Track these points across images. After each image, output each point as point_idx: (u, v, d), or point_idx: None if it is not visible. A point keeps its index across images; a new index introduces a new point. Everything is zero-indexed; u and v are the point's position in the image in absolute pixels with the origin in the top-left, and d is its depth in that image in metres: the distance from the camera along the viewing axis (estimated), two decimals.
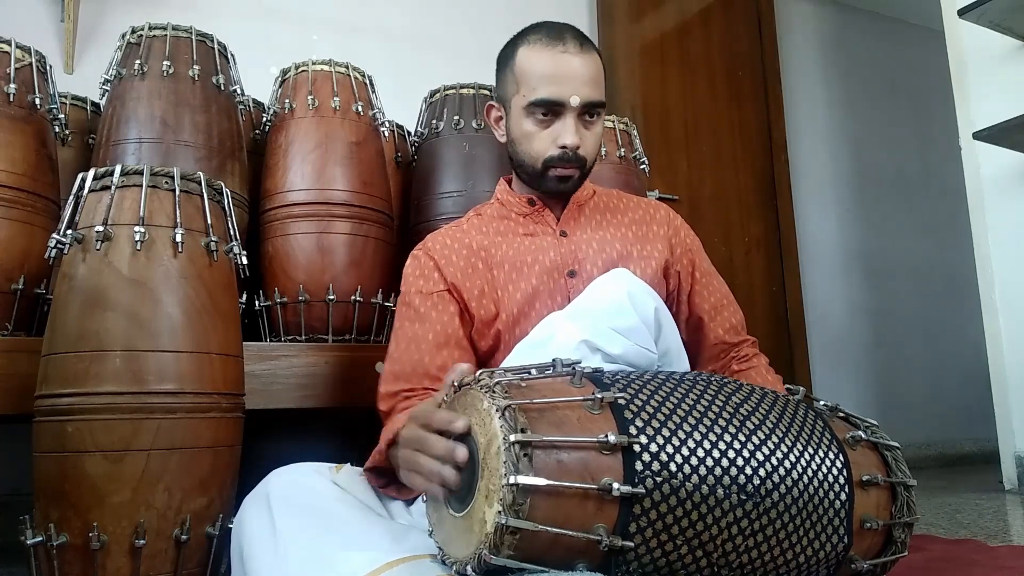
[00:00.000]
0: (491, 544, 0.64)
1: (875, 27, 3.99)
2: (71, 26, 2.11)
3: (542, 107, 1.09)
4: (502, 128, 1.18)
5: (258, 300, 1.48)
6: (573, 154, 1.10)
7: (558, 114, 1.09)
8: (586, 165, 1.13)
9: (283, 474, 0.96)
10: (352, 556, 0.76)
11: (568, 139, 1.09)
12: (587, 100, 1.08)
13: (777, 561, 0.74)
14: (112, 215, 1.01)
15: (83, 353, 0.97)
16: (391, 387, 1.08)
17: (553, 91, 1.08)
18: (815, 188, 3.60)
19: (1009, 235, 2.29)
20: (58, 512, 0.94)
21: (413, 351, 1.09)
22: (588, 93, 1.09)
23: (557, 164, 1.11)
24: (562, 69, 1.08)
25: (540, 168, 1.12)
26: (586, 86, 1.08)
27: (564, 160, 1.10)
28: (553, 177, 1.12)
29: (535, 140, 1.11)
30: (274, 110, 1.59)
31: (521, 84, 1.10)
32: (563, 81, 1.07)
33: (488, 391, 0.69)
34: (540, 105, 1.08)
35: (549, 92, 1.08)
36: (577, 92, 1.08)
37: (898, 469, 0.83)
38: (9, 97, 1.29)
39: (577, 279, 1.12)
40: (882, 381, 3.61)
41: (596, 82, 1.10)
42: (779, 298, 3.23)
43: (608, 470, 0.67)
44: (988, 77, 2.34)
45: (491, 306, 1.11)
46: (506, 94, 1.15)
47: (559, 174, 1.12)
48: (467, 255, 1.15)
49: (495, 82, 1.20)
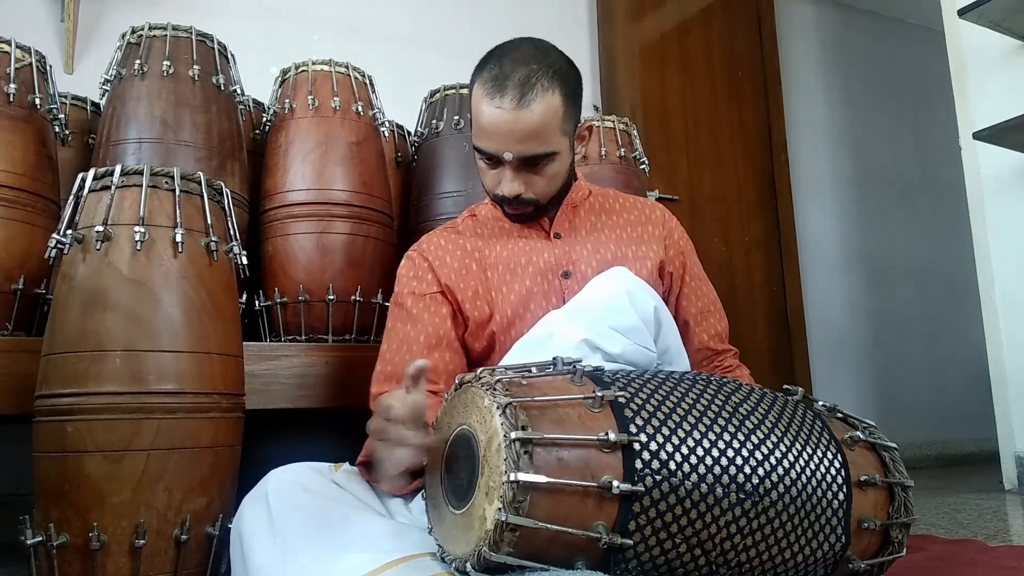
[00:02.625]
0: (491, 541, 0.64)
1: (875, 27, 3.99)
2: (71, 26, 2.12)
3: (481, 155, 1.08)
4: None
5: (258, 300, 1.48)
6: (516, 199, 1.09)
7: (498, 163, 1.08)
8: (540, 203, 1.11)
9: (282, 473, 0.96)
10: (352, 555, 0.76)
11: (505, 190, 1.08)
12: (522, 156, 1.05)
13: (775, 560, 0.74)
14: (112, 215, 1.02)
15: (83, 353, 0.97)
16: (382, 388, 1.09)
17: (486, 144, 1.05)
18: (815, 188, 3.60)
19: (1009, 235, 2.29)
20: (58, 512, 0.94)
21: (404, 352, 1.09)
22: (522, 149, 1.04)
23: (505, 205, 1.12)
24: (495, 125, 1.03)
25: (498, 203, 1.14)
26: (519, 143, 1.03)
27: (510, 204, 1.10)
28: (508, 213, 1.14)
29: (485, 177, 1.11)
30: (274, 110, 1.59)
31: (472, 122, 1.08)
32: (493, 137, 1.04)
33: (489, 388, 0.70)
34: (479, 152, 1.08)
35: (484, 144, 1.06)
36: (509, 149, 1.04)
37: (896, 470, 0.84)
38: (9, 97, 1.29)
39: (571, 280, 1.12)
40: (882, 381, 3.61)
41: (534, 136, 1.03)
42: (779, 298, 3.23)
43: (608, 468, 0.67)
44: (988, 77, 2.34)
45: (485, 307, 1.11)
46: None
47: (511, 212, 1.14)
48: (461, 256, 1.15)
49: None
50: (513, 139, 1.03)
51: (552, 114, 1.03)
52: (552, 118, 1.04)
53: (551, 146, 1.05)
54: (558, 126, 1.05)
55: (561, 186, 1.13)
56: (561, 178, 1.12)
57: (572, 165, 1.15)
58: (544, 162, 1.07)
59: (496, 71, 1.04)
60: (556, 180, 1.11)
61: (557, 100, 1.04)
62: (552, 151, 1.06)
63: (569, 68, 1.09)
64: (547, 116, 1.03)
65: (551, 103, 1.03)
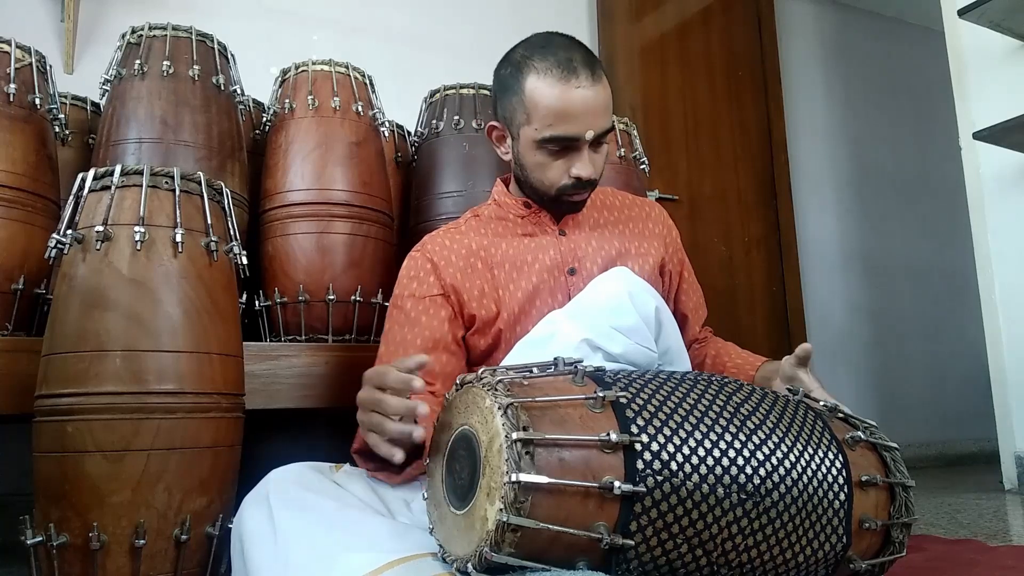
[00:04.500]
0: (492, 542, 0.64)
1: (875, 27, 3.99)
2: (71, 26, 2.11)
3: (556, 143, 1.08)
4: (506, 147, 1.17)
5: (258, 300, 1.48)
6: (587, 181, 1.10)
7: (571, 147, 1.08)
8: (595, 183, 1.14)
9: (283, 474, 0.96)
10: (353, 556, 0.76)
11: (584, 172, 1.08)
12: (600, 131, 1.08)
13: (776, 560, 0.74)
14: (112, 215, 1.01)
15: (83, 353, 0.97)
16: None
17: (568, 129, 1.06)
18: (815, 188, 3.61)
19: (1009, 235, 2.29)
20: (58, 512, 0.94)
21: (401, 354, 1.10)
22: (601, 124, 1.07)
23: (571, 191, 1.12)
24: (577, 106, 1.05)
25: (554, 194, 1.13)
26: (599, 118, 1.07)
27: (578, 188, 1.11)
28: (567, 201, 1.14)
29: (548, 170, 1.10)
30: (274, 110, 1.59)
31: (532, 116, 1.08)
32: (578, 118, 1.06)
33: (490, 389, 0.70)
34: (554, 142, 1.07)
35: (564, 130, 1.06)
36: (591, 126, 1.06)
37: (896, 470, 0.84)
38: (9, 97, 1.29)
39: (577, 277, 1.13)
40: (882, 381, 3.61)
41: (607, 110, 1.09)
42: (779, 298, 3.23)
43: (609, 469, 0.67)
44: (988, 77, 2.34)
45: (492, 306, 1.12)
46: (513, 119, 1.12)
47: (572, 199, 1.14)
48: (466, 255, 1.15)
49: (496, 100, 1.17)
50: (596, 115, 1.07)
51: (609, 89, 1.11)
52: (610, 92, 1.11)
53: (612, 119, 1.11)
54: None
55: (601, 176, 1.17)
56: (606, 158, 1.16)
57: None
58: (606, 139, 1.11)
59: (555, 59, 1.07)
60: (604, 161, 1.15)
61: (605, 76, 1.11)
62: (613, 126, 1.12)
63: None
64: (609, 89, 1.10)
65: (605, 78, 1.10)
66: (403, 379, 0.81)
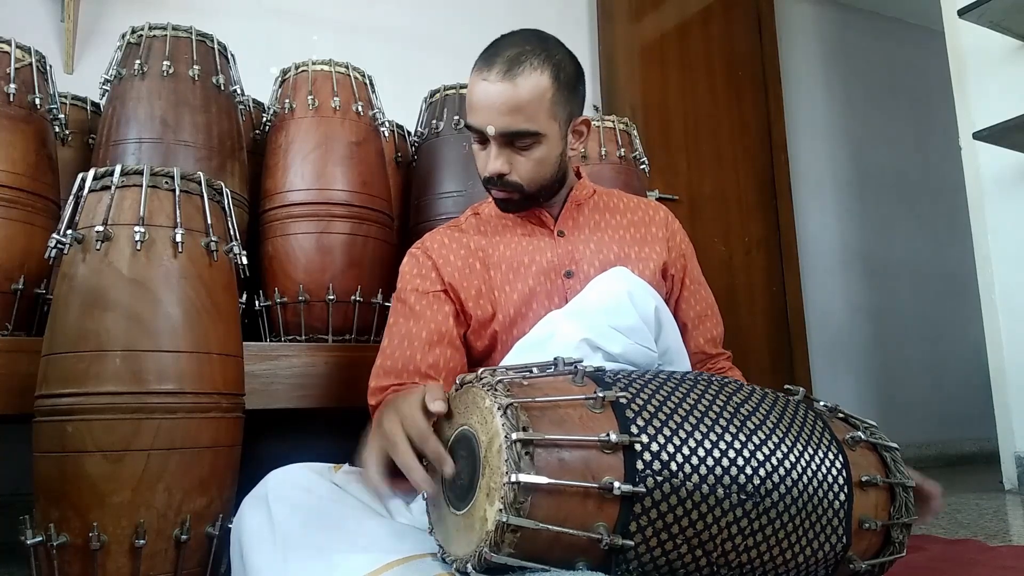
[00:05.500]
0: (492, 542, 0.64)
1: (875, 27, 3.99)
2: (71, 26, 2.11)
3: (472, 132, 1.09)
4: None
5: (258, 300, 1.48)
6: (500, 180, 1.09)
7: (485, 141, 1.08)
8: (525, 189, 1.10)
9: (282, 474, 0.96)
10: (353, 556, 0.76)
11: (488, 168, 1.08)
12: (502, 130, 1.05)
13: (776, 561, 0.74)
14: (112, 215, 1.01)
15: (83, 353, 0.97)
16: (381, 382, 1.09)
17: (471, 119, 1.07)
18: (815, 188, 3.60)
19: (1009, 235, 2.29)
20: (58, 512, 0.94)
21: (405, 348, 1.09)
22: (504, 123, 1.04)
23: (491, 187, 1.12)
24: (479, 98, 1.05)
25: (486, 187, 1.13)
26: (502, 116, 1.04)
27: (495, 185, 1.10)
28: (495, 196, 1.14)
29: (477, 160, 1.12)
30: (274, 110, 1.59)
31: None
32: (478, 111, 1.06)
33: (490, 389, 0.70)
34: (469, 130, 1.09)
35: (470, 119, 1.07)
36: (491, 122, 1.05)
37: (897, 470, 0.84)
38: (9, 97, 1.29)
39: (574, 280, 1.12)
40: (882, 381, 3.61)
41: (516, 110, 1.04)
42: (779, 298, 3.23)
43: (609, 469, 0.67)
44: (988, 77, 2.34)
45: (488, 306, 1.12)
46: None
47: (496, 196, 1.14)
48: (465, 255, 1.15)
49: None
50: (496, 111, 1.04)
51: (539, 94, 1.04)
52: (539, 98, 1.04)
53: (535, 125, 1.05)
54: (546, 108, 1.05)
55: (551, 175, 1.12)
56: (549, 166, 1.11)
57: (564, 157, 1.14)
58: (529, 142, 1.07)
59: (491, 51, 1.07)
60: (543, 167, 1.10)
61: (546, 82, 1.05)
62: (536, 131, 1.05)
63: (567, 58, 1.10)
64: (533, 93, 1.04)
65: (539, 82, 1.04)
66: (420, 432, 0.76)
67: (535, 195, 1.12)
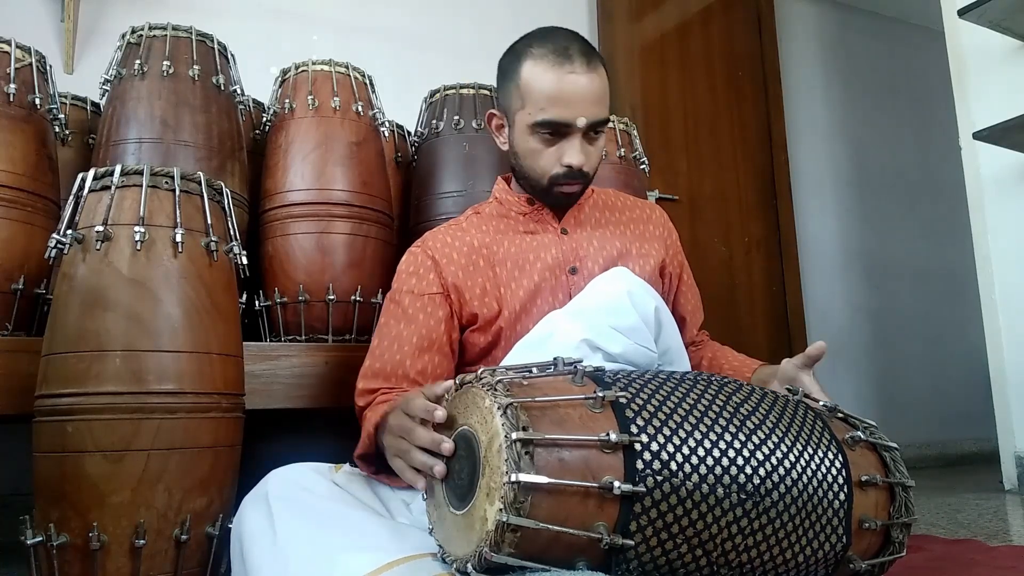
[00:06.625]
0: (492, 542, 0.64)
1: (875, 27, 3.99)
2: (71, 26, 2.11)
3: (548, 128, 1.08)
4: (504, 137, 1.18)
5: (258, 300, 1.48)
6: (578, 171, 1.10)
7: (563, 134, 1.09)
8: (590, 177, 1.13)
9: (282, 474, 0.96)
10: (353, 556, 0.76)
11: (574, 160, 1.09)
12: (593, 120, 1.08)
13: (776, 560, 0.74)
14: (112, 215, 1.01)
15: (83, 353, 0.97)
16: (370, 384, 1.10)
17: (559, 113, 1.06)
18: (815, 188, 3.60)
19: (1009, 235, 2.29)
20: (58, 512, 0.94)
21: (395, 351, 1.10)
22: (595, 113, 1.08)
23: (562, 181, 1.12)
24: (568, 90, 1.06)
25: (546, 184, 1.13)
26: (593, 106, 1.07)
27: (569, 177, 1.11)
28: (558, 193, 1.14)
29: (540, 158, 1.11)
30: (274, 110, 1.59)
31: (526, 101, 1.09)
32: (570, 103, 1.06)
33: (490, 389, 0.70)
34: (546, 126, 1.08)
35: (555, 114, 1.07)
36: (584, 113, 1.06)
37: (896, 470, 0.84)
38: (9, 97, 1.29)
39: (579, 276, 1.13)
40: (882, 381, 3.61)
41: (602, 100, 1.09)
42: (779, 298, 3.23)
43: (609, 469, 0.67)
44: (988, 77, 2.34)
45: (493, 304, 1.12)
46: (510, 106, 1.14)
47: (564, 191, 1.13)
48: (468, 253, 1.15)
49: (497, 89, 1.19)
50: (589, 101, 1.07)
51: (607, 84, 1.11)
52: (607, 88, 1.11)
53: (608, 113, 1.11)
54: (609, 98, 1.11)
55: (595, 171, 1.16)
56: (601, 156, 1.16)
57: None
58: (601, 131, 1.11)
59: (552, 46, 1.09)
60: (600, 156, 1.15)
61: (605, 73, 1.12)
62: (608, 119, 1.10)
63: None
64: (606, 84, 1.11)
65: (604, 73, 1.11)
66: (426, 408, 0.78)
67: (588, 184, 1.16)
